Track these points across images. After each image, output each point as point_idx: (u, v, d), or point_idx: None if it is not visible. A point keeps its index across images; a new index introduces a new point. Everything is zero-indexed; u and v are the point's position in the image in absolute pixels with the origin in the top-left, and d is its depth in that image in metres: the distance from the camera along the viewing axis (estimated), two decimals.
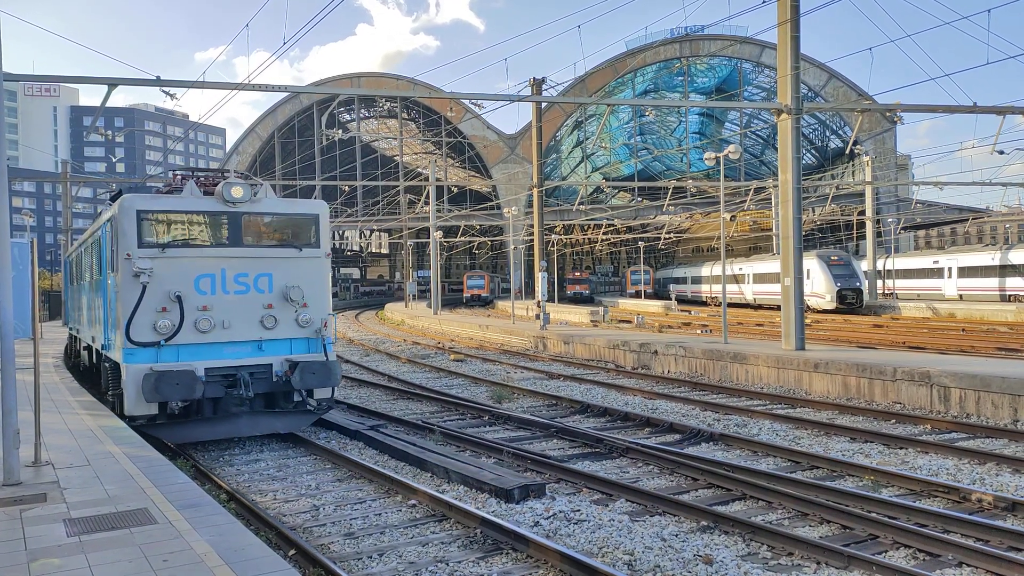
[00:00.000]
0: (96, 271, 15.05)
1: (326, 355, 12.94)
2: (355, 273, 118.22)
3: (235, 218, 12.56)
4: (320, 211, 13.44)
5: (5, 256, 8.33)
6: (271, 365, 12.60)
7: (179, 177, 14.09)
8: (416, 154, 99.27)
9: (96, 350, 15.74)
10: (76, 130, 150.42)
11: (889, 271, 56.25)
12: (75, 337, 22.66)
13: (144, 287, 11.72)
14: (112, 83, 17.88)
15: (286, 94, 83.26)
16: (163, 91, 18.55)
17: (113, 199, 14.88)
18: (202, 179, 13.82)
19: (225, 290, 12.31)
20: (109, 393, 13.50)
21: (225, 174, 13.53)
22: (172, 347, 11.95)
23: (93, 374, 17.64)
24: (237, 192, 12.51)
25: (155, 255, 11.94)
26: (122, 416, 12.32)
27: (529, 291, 65.08)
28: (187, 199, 12.49)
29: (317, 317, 13.06)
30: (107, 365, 13.49)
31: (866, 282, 50.60)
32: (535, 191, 39.27)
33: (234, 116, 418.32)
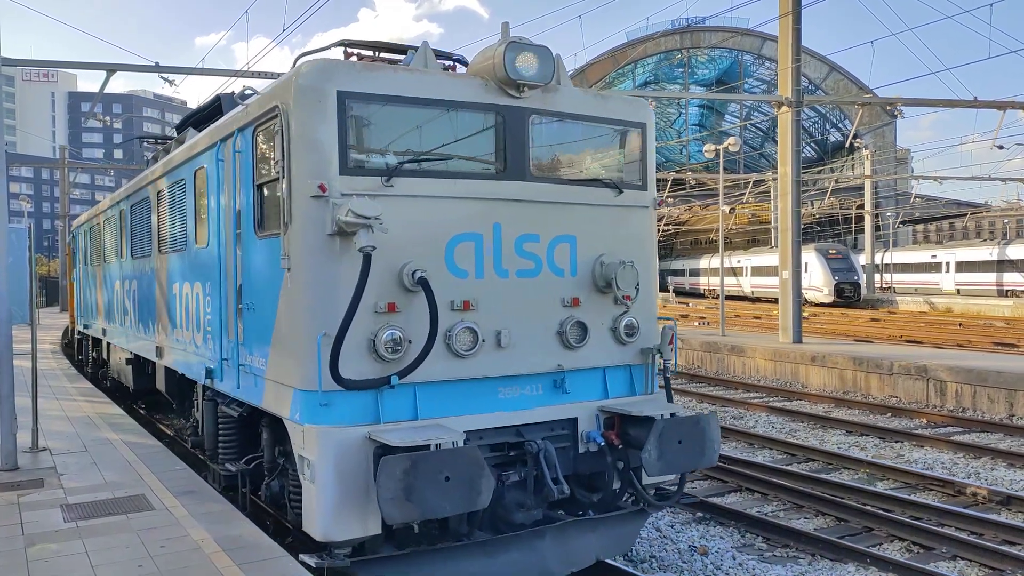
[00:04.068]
0: (185, 235, 8.95)
1: (669, 398, 7.25)
2: None
3: (519, 120, 6.44)
4: (647, 118, 7.33)
5: (2, 242, 8.32)
6: (575, 421, 6.65)
7: (355, 56, 6.94)
8: None
9: (170, 371, 10.04)
10: (74, 116, 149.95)
11: (887, 265, 56.30)
12: (96, 340, 16.75)
13: (368, 259, 5.58)
14: (111, 69, 17.81)
15: None
16: (162, 77, 18.51)
17: (209, 110, 9.30)
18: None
19: (500, 269, 6.36)
20: (224, 464, 7.60)
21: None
22: (406, 387, 5.94)
23: (130, 396, 14.18)
24: (530, 64, 6.34)
25: (376, 190, 5.88)
26: (266, 526, 7.02)
27: None
28: (429, 76, 6.29)
29: (648, 323, 7.16)
30: (236, 413, 7.36)
31: (864, 276, 50.68)
32: None
33: None
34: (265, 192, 6.56)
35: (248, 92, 7.83)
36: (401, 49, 6.92)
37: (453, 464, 5.37)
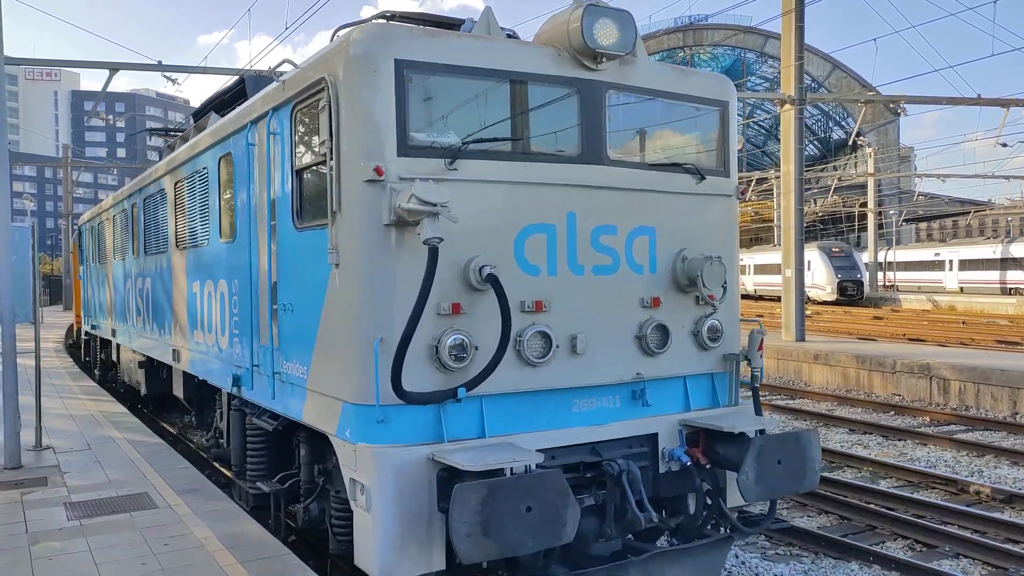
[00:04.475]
0: (207, 229, 8.20)
1: (758, 411, 6.53)
2: None
3: (595, 96, 5.74)
4: (730, 97, 6.61)
5: (6, 241, 8.33)
6: (655, 437, 5.96)
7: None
8: None
9: (188, 377, 9.39)
10: (77, 115, 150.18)
11: (890, 263, 56.25)
12: (104, 341, 16.20)
13: (435, 253, 4.89)
14: (113, 67, 17.84)
15: None
16: (164, 76, 18.55)
17: (238, 83, 8.59)
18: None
19: (575, 265, 5.68)
20: (254, 483, 6.85)
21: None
22: (471, 400, 5.26)
23: (136, 399, 13.92)
24: (609, 33, 5.66)
25: (438, 174, 5.18)
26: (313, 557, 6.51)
27: None
28: (496, 44, 5.58)
29: (731, 326, 6.55)
30: (269, 427, 6.60)
31: (867, 274, 50.66)
32: None
33: None
34: (306, 178, 5.87)
35: (278, 73, 6.86)
36: (453, 23, 6.06)
37: (535, 492, 4.66)
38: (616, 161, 5.86)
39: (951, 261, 50.69)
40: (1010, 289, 45.60)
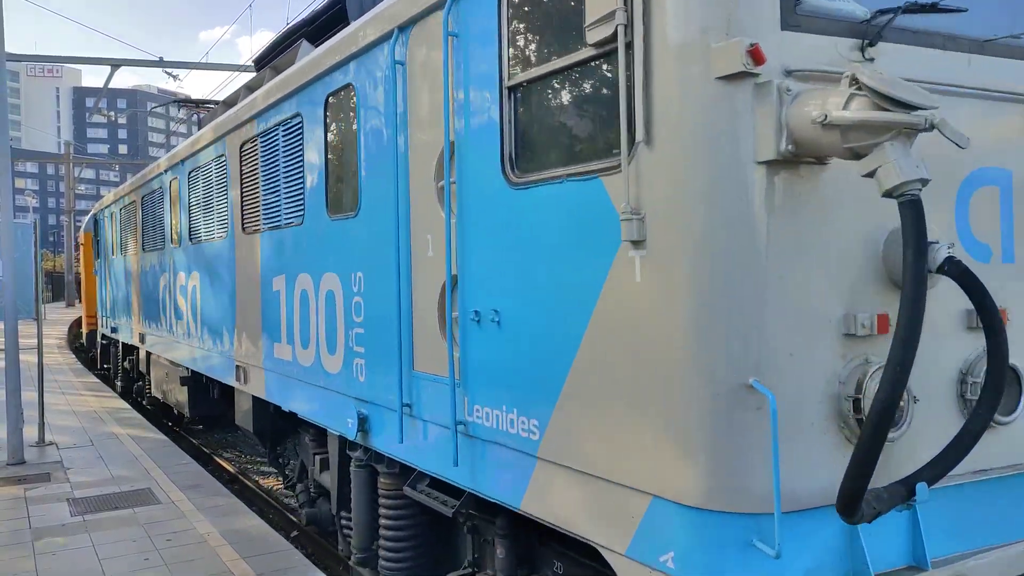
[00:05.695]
0: (300, 201, 6.05)
1: None
2: None
3: None
4: None
5: (8, 238, 8.36)
6: None
7: None
8: None
9: (261, 404, 7.13)
10: (79, 111, 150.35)
11: None
12: (128, 346, 13.94)
13: (919, 210, 2.40)
14: (115, 64, 17.87)
15: None
16: (166, 72, 18.63)
17: None
18: None
19: (1008, 250, 3.22)
20: None
21: None
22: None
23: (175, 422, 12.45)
24: None
25: (843, 65, 2.71)
26: None
27: None
28: None
29: None
30: (448, 508, 4.22)
31: None
32: None
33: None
34: (536, 97, 3.52)
35: None
36: None
37: None
38: None
39: None
40: None
